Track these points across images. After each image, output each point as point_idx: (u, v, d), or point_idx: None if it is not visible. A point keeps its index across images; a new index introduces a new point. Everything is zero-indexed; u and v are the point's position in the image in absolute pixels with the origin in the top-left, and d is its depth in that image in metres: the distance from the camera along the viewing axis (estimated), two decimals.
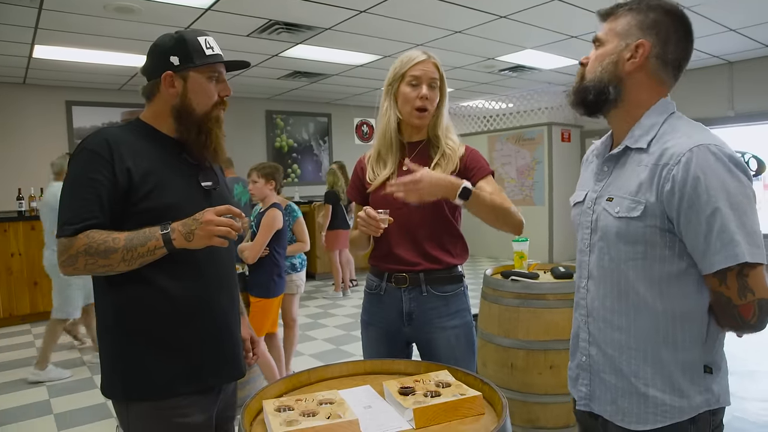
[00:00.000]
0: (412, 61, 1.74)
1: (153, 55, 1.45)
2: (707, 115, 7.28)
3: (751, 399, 3.29)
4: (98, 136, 1.37)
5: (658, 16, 1.16)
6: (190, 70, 1.42)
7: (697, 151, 1.07)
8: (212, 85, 1.46)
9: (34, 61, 5.93)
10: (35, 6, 4.18)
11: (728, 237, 1.04)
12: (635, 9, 1.19)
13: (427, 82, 1.73)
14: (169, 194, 1.39)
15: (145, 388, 1.38)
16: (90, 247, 1.28)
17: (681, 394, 1.14)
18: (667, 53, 1.17)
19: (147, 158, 1.39)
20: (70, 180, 1.35)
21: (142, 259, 1.31)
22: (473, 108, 10.07)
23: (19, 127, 7.05)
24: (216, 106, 1.47)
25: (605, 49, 1.21)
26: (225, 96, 1.49)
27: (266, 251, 3.31)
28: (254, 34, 5.30)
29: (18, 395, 3.76)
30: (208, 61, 1.43)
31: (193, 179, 1.48)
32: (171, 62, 1.41)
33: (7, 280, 5.75)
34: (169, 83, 1.42)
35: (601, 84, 1.20)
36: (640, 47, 1.16)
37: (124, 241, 1.30)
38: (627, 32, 1.18)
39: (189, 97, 1.43)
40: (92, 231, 1.30)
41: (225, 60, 1.49)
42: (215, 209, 1.34)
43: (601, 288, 1.23)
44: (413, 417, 1.16)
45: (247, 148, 8.57)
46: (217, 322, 1.48)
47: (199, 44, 1.43)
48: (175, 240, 1.32)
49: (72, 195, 1.33)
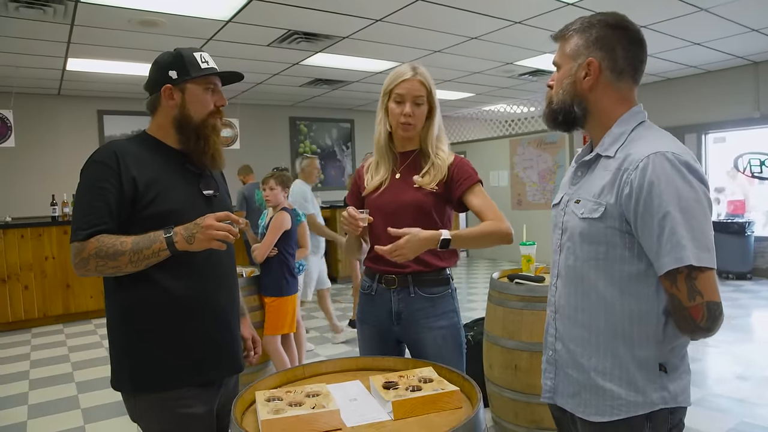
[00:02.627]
0: (398, 78, 1.83)
1: (153, 71, 1.56)
2: (733, 116, 7.16)
3: (765, 405, 3.26)
4: (107, 149, 1.48)
5: (599, 31, 1.24)
6: (187, 82, 1.53)
7: (654, 157, 1.13)
8: (208, 95, 1.56)
9: (68, 73, 6.22)
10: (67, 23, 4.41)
11: (676, 240, 1.09)
12: (580, 29, 1.27)
13: (410, 99, 1.81)
14: (172, 201, 1.49)
15: (151, 381, 1.48)
16: (100, 251, 1.39)
17: (636, 389, 1.19)
18: (617, 63, 1.23)
19: (151, 168, 1.50)
20: (82, 189, 1.46)
21: (148, 260, 1.42)
22: (495, 112, 10.08)
23: (54, 137, 7.38)
24: (212, 115, 1.58)
25: (562, 71, 1.29)
26: (220, 106, 1.60)
27: (275, 251, 3.48)
28: (274, 44, 5.46)
29: (49, 390, 3.97)
30: (203, 73, 1.54)
31: (194, 187, 1.58)
32: (170, 76, 1.52)
33: (41, 282, 6.02)
34: (168, 95, 1.53)
35: (565, 105, 1.28)
36: (591, 64, 1.23)
37: (131, 244, 1.40)
38: (576, 53, 1.26)
39: (187, 107, 1.54)
40: (102, 235, 1.41)
41: (219, 72, 1.59)
42: (215, 215, 1.43)
43: (568, 286, 1.30)
44: (392, 409, 1.24)
45: (271, 155, 8.77)
46: (217, 319, 1.58)
47: (194, 59, 1.54)
48: (177, 243, 1.41)
49: (83, 203, 1.45)
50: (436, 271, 1.83)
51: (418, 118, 1.83)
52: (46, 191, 6.91)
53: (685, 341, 1.22)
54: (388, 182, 1.88)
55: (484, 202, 1.80)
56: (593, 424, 1.24)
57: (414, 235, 1.62)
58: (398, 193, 1.85)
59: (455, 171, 1.83)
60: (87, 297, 6.23)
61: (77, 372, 4.37)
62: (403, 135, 1.86)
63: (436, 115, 1.87)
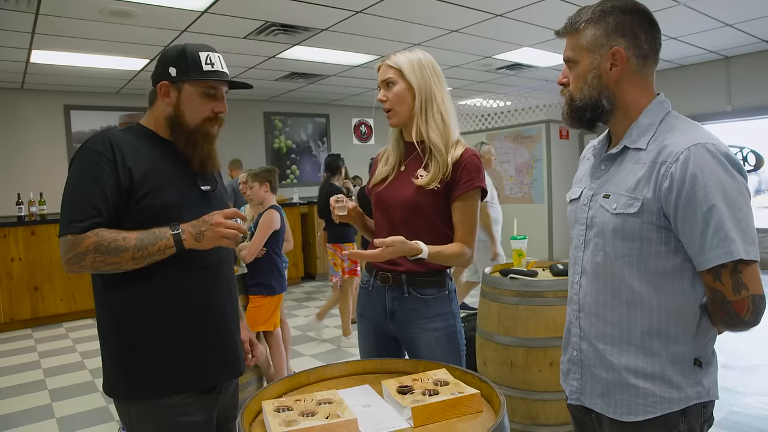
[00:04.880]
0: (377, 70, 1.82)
1: (158, 63, 1.49)
2: (705, 110, 7.29)
3: (752, 393, 3.30)
4: (101, 137, 1.39)
5: (617, 18, 1.17)
6: (184, 83, 1.44)
7: (695, 149, 1.08)
8: (205, 100, 1.46)
9: (32, 66, 5.94)
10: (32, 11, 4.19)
11: (724, 234, 1.05)
12: (594, 20, 1.19)
13: (383, 85, 1.78)
14: (168, 194, 1.41)
15: (146, 387, 1.39)
16: (100, 245, 1.29)
17: (671, 385, 1.15)
18: (642, 49, 1.18)
19: (147, 159, 1.42)
20: (75, 177, 1.36)
21: (152, 258, 1.34)
22: (471, 106, 10.07)
23: (17, 132, 7.07)
24: (207, 122, 1.48)
25: (582, 66, 1.22)
26: (219, 113, 1.49)
27: (263, 251, 3.41)
28: (251, 36, 5.31)
29: (20, 399, 3.78)
30: (203, 77, 1.44)
31: (191, 181, 1.50)
32: (169, 73, 1.44)
33: (7, 285, 5.75)
34: (164, 92, 1.45)
35: (593, 100, 1.21)
36: (617, 53, 1.17)
37: (134, 240, 1.31)
38: (596, 44, 1.19)
39: (181, 109, 1.45)
40: (101, 229, 1.31)
41: (226, 79, 1.49)
42: (223, 212, 1.38)
43: (594, 284, 1.25)
44: (411, 415, 1.17)
45: (245, 150, 8.58)
46: (217, 322, 1.50)
47: (198, 59, 1.44)
48: (185, 240, 1.35)
49: (77, 192, 1.34)
50: (431, 272, 1.76)
51: (393, 101, 1.75)
52: (11, 190, 6.61)
53: (714, 334, 1.19)
54: (393, 175, 1.81)
55: (462, 217, 1.72)
56: (625, 424, 1.19)
57: (399, 247, 1.57)
58: (397, 189, 1.78)
59: (460, 171, 1.72)
60: (57, 300, 5.98)
61: (50, 379, 4.17)
62: (390, 123, 1.81)
63: (432, 102, 1.75)
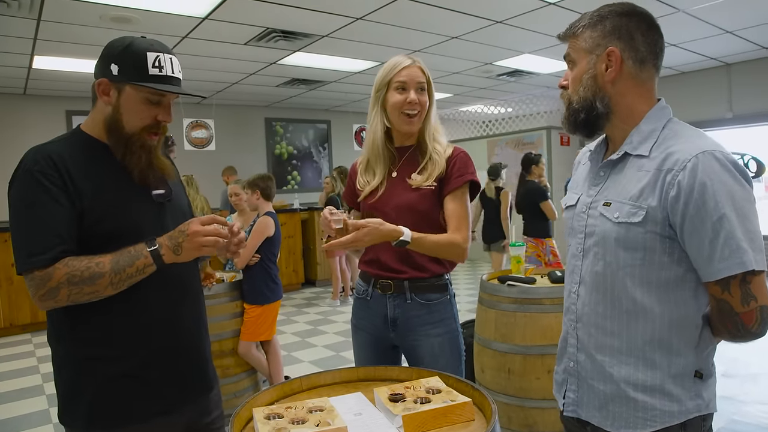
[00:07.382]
0: (397, 66, 1.73)
1: (101, 55, 1.32)
2: (705, 117, 7.28)
3: (752, 402, 3.28)
4: (40, 155, 1.25)
5: (614, 20, 1.17)
6: (126, 84, 1.29)
7: (703, 157, 1.06)
8: (147, 106, 1.32)
9: (34, 71, 5.96)
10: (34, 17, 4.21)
11: (735, 244, 1.03)
12: (591, 23, 1.19)
13: (413, 86, 1.72)
14: (121, 216, 1.31)
15: (109, 416, 1.31)
16: (73, 276, 1.19)
17: (671, 398, 1.13)
18: (639, 51, 1.17)
19: (95, 176, 1.29)
20: (23, 205, 1.22)
21: (131, 279, 1.25)
22: (472, 113, 10.08)
23: (20, 138, 7.07)
24: (147, 130, 1.34)
25: (579, 68, 1.21)
26: (163, 122, 1.35)
27: (257, 257, 3.36)
28: (252, 42, 5.33)
29: (17, 405, 3.77)
30: (144, 82, 1.28)
31: (143, 192, 1.38)
32: (110, 70, 1.29)
33: (7, 290, 5.76)
34: (103, 91, 1.31)
35: (587, 102, 1.20)
36: (611, 54, 1.16)
37: (109, 264, 1.22)
38: (593, 45, 1.18)
39: (120, 112, 1.31)
40: (69, 258, 1.21)
41: (172, 90, 1.33)
42: (200, 219, 1.29)
43: (594, 293, 1.22)
44: (402, 423, 1.16)
45: (246, 156, 8.59)
46: (181, 339, 1.41)
47: (143, 60, 1.28)
48: (164, 255, 1.27)
49: (31, 221, 1.21)
50: (433, 276, 1.75)
51: (423, 106, 1.74)
52: None
53: (715, 346, 1.17)
54: (384, 184, 1.77)
55: (454, 208, 1.70)
56: None
57: (375, 228, 1.52)
58: (393, 196, 1.76)
59: (453, 166, 1.73)
60: None
61: (48, 384, 4.15)
62: (407, 129, 1.75)
63: (434, 106, 1.79)
